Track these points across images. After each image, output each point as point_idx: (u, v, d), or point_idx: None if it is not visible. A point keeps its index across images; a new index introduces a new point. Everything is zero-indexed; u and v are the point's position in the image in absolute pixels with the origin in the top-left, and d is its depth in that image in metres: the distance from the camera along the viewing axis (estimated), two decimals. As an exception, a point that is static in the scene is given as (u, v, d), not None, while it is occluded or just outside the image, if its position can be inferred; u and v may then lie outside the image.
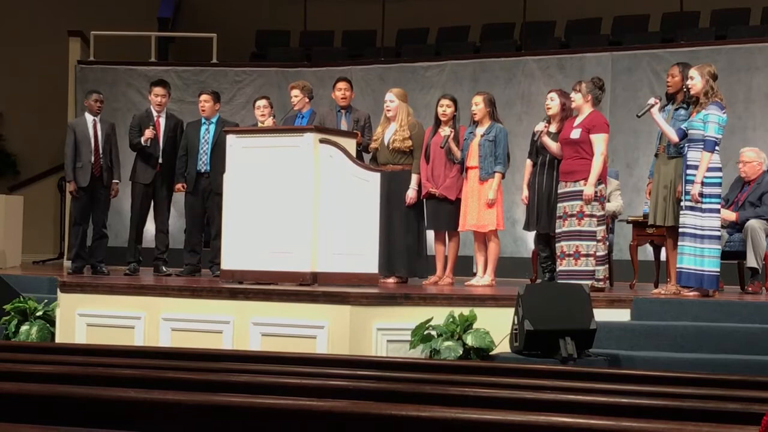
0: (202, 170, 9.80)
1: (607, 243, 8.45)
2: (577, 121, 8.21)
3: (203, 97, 10.03)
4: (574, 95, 8.27)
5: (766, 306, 7.26)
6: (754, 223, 8.53)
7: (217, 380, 4.48)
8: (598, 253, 8.08)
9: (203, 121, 9.95)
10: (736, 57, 11.78)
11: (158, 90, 10.14)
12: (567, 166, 8.17)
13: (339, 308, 7.04)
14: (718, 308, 7.29)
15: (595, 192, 8.03)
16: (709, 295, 7.61)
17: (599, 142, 8.07)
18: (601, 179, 8.11)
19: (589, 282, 7.94)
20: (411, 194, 8.90)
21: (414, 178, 8.92)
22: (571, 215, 8.04)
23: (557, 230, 8.16)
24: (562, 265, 8.07)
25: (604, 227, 8.25)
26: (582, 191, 8.00)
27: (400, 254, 8.91)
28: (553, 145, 8.35)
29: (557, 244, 8.15)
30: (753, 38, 12.08)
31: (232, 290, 7.49)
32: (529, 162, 8.73)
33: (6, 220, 11.99)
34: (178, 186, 9.94)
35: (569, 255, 8.02)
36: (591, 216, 8.01)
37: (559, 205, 8.17)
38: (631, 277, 9.22)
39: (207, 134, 9.87)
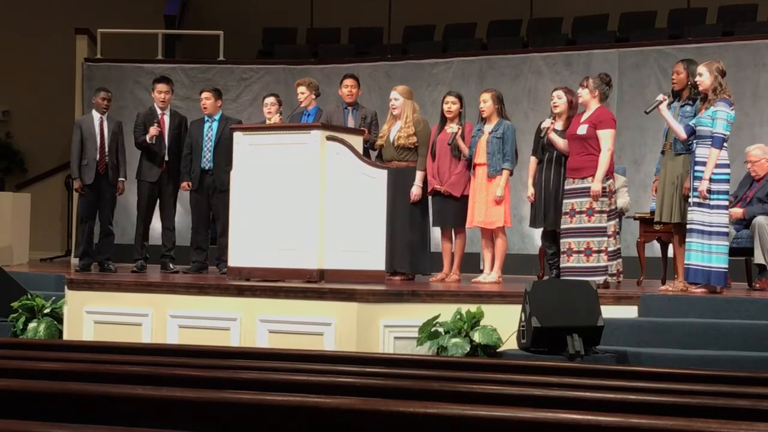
0: (206, 167, 9.80)
1: (618, 237, 8.45)
2: (584, 116, 8.21)
3: (204, 94, 10.02)
4: (581, 91, 8.26)
5: (774, 303, 7.25)
6: (761, 220, 8.52)
7: (225, 377, 4.49)
8: (609, 249, 8.08)
9: (206, 118, 9.95)
10: (744, 53, 11.76)
11: (161, 87, 10.14)
12: (574, 162, 8.16)
13: (346, 305, 7.04)
14: (725, 305, 7.28)
15: (603, 187, 8.03)
16: (717, 292, 7.59)
17: (606, 137, 8.07)
18: (609, 174, 8.11)
19: (602, 278, 7.95)
20: (415, 191, 8.89)
21: (419, 174, 8.91)
22: (580, 212, 8.03)
23: (563, 226, 8.16)
24: (570, 262, 8.06)
25: (615, 222, 8.25)
26: (590, 188, 8.00)
27: (404, 251, 8.90)
28: (561, 142, 8.34)
29: (563, 240, 8.14)
30: (760, 35, 12.06)
31: (239, 287, 7.50)
32: (533, 159, 8.72)
33: (13, 217, 12.01)
34: (184, 184, 9.95)
35: (579, 252, 8.02)
36: (601, 212, 8.02)
37: (565, 201, 8.17)
38: (639, 274, 9.21)
39: (210, 131, 9.87)
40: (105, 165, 9.96)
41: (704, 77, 7.60)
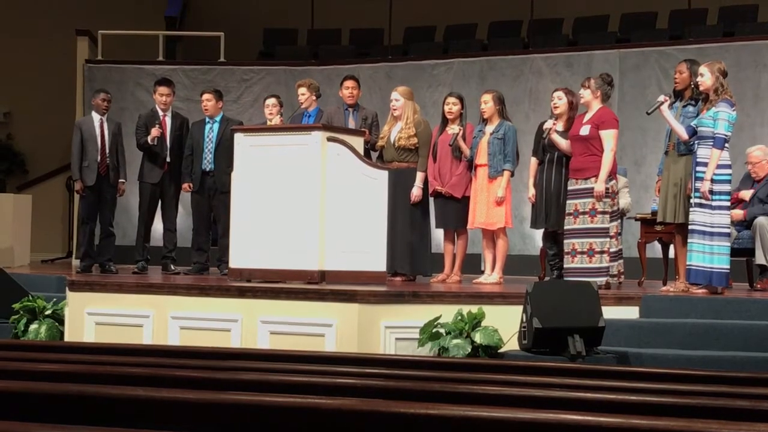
0: (207, 169, 9.80)
1: (620, 238, 8.46)
2: (586, 117, 8.21)
3: (205, 96, 10.03)
4: (583, 92, 8.26)
5: (775, 303, 7.25)
6: (762, 221, 8.51)
7: (226, 378, 4.49)
8: (611, 249, 8.09)
9: (207, 119, 9.95)
10: (745, 54, 11.76)
11: (162, 89, 10.15)
12: (577, 163, 8.16)
13: (347, 306, 7.04)
14: (726, 305, 7.28)
15: (606, 188, 8.03)
16: (718, 293, 7.59)
17: (609, 138, 8.06)
18: (612, 175, 8.11)
19: (604, 279, 7.95)
20: (416, 192, 8.89)
21: (419, 176, 8.91)
22: (583, 213, 8.03)
23: (566, 227, 8.15)
24: (574, 263, 8.06)
25: (617, 223, 8.26)
26: (593, 188, 7.99)
27: (404, 252, 8.90)
28: (563, 143, 8.34)
29: (566, 241, 8.14)
30: (761, 35, 12.06)
31: (241, 288, 7.50)
32: (534, 160, 8.73)
33: (15, 219, 12.01)
34: (185, 186, 9.96)
35: (582, 252, 8.01)
36: (603, 213, 8.02)
37: (569, 202, 8.17)
38: (640, 274, 9.21)
39: (211, 133, 9.87)
40: (106, 166, 9.96)
41: (705, 78, 7.60)
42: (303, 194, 7.75)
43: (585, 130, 8.12)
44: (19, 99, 15.93)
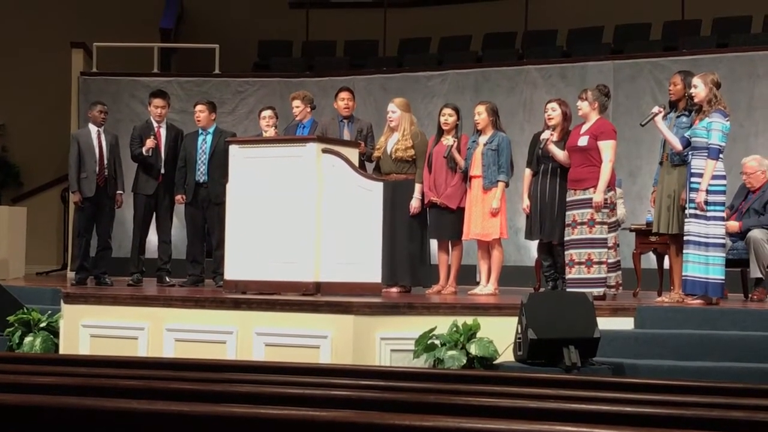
0: (201, 180, 9.81)
1: (618, 249, 8.46)
2: (584, 128, 8.22)
3: (198, 107, 10.04)
4: (580, 103, 8.27)
5: (770, 314, 7.26)
6: (756, 234, 8.51)
7: (221, 391, 4.48)
8: (609, 260, 8.09)
9: (200, 131, 9.96)
10: (738, 65, 11.78)
11: (157, 101, 10.15)
12: (575, 173, 8.16)
13: (342, 318, 7.04)
14: (721, 316, 7.29)
15: (605, 199, 8.03)
16: (713, 303, 7.60)
17: (607, 149, 8.07)
18: (610, 186, 8.12)
19: (602, 289, 7.96)
20: (415, 204, 8.90)
21: (417, 187, 8.92)
22: (582, 223, 8.03)
23: (566, 238, 8.15)
24: (572, 273, 8.06)
25: (615, 233, 8.26)
26: (591, 199, 8.00)
27: (404, 263, 8.92)
28: (560, 154, 8.35)
29: (566, 252, 8.14)
30: (754, 46, 12.09)
31: (236, 300, 7.50)
32: (528, 171, 8.73)
33: (9, 231, 12.00)
34: (178, 198, 9.95)
35: (580, 263, 8.01)
36: (602, 223, 8.02)
37: (567, 213, 8.17)
38: (634, 285, 9.21)
39: (204, 144, 9.88)
40: (104, 178, 9.95)
41: (699, 89, 7.62)
42: (298, 206, 7.75)
43: (583, 141, 8.13)
44: (14, 111, 15.91)
